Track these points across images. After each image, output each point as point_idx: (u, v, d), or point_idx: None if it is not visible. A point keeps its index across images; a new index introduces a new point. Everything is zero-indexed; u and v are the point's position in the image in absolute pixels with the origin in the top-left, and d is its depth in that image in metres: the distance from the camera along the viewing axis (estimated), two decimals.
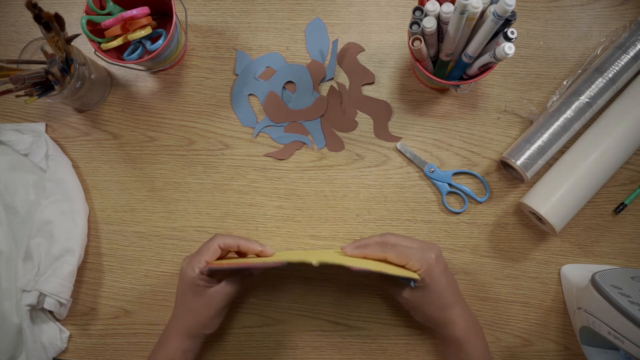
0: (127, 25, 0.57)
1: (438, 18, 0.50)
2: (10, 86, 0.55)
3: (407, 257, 0.51)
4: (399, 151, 0.62)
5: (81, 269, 0.63)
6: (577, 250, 0.61)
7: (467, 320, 0.52)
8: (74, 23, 0.61)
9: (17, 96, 0.55)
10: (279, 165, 0.64)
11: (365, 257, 0.53)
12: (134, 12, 0.56)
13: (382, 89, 0.65)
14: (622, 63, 0.58)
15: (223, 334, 0.62)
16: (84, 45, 0.62)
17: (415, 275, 0.51)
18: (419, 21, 0.51)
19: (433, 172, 0.61)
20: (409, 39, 0.52)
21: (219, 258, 0.53)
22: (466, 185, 0.62)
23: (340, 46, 0.65)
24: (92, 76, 0.61)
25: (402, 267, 0.51)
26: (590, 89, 0.58)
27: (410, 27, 0.51)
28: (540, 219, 0.58)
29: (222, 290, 0.53)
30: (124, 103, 0.66)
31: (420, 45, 0.52)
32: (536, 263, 0.62)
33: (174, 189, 0.65)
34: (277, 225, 0.64)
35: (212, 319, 0.53)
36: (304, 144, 0.64)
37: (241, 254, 0.55)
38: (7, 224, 0.64)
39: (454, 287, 0.53)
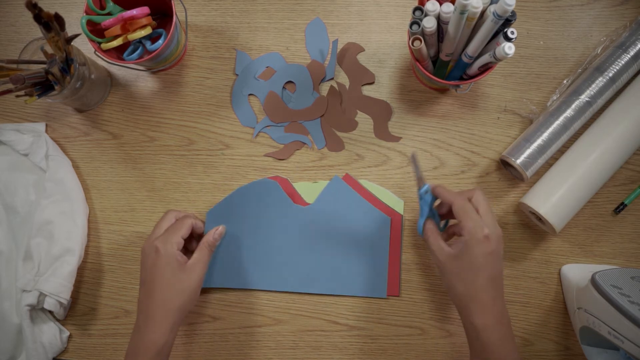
0: (127, 25, 0.57)
1: (438, 18, 0.50)
2: (10, 86, 0.55)
3: (464, 218, 0.49)
4: (409, 159, 0.59)
5: (81, 269, 0.63)
6: (577, 250, 0.61)
7: (492, 311, 0.49)
8: (74, 23, 0.61)
9: (17, 96, 0.55)
10: (279, 165, 0.64)
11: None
12: (134, 12, 0.56)
13: (382, 89, 0.65)
14: (622, 62, 0.58)
15: (223, 334, 0.62)
16: (84, 45, 0.62)
17: (400, 210, 0.61)
18: (419, 21, 0.51)
19: (427, 194, 0.55)
20: (409, 39, 0.52)
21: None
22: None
23: (340, 46, 0.65)
24: (92, 76, 0.61)
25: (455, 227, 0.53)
26: (590, 88, 0.58)
27: (410, 27, 0.51)
28: (540, 219, 0.58)
29: (198, 260, 0.55)
30: (124, 103, 0.66)
31: (420, 45, 0.52)
32: (536, 263, 0.62)
33: (174, 189, 0.65)
34: None
35: (195, 292, 0.55)
36: (304, 144, 0.64)
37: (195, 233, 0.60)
38: (7, 224, 0.64)
39: (490, 276, 0.49)
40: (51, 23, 0.52)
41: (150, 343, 0.51)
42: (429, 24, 0.50)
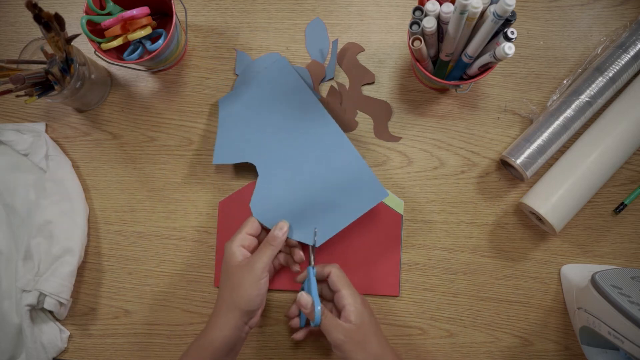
0: (127, 25, 0.57)
1: (438, 18, 0.50)
2: (10, 86, 0.55)
3: (342, 285, 0.54)
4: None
5: (81, 269, 0.64)
6: (577, 250, 0.61)
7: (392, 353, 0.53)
8: (74, 23, 0.61)
9: (17, 96, 0.55)
10: None
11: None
12: (134, 12, 0.56)
13: (382, 89, 0.65)
14: (623, 62, 0.58)
15: None
16: (84, 45, 0.62)
17: (400, 210, 0.61)
18: (419, 21, 0.51)
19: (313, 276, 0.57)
20: (409, 39, 0.52)
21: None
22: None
23: (340, 46, 0.65)
24: (92, 76, 0.61)
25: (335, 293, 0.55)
26: (590, 88, 0.58)
27: (410, 27, 0.51)
28: (540, 219, 0.58)
29: (253, 257, 0.54)
30: (124, 103, 0.66)
31: (420, 45, 0.52)
32: (536, 263, 0.62)
33: (174, 189, 0.65)
34: None
35: (250, 289, 0.53)
36: None
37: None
38: (7, 224, 0.64)
39: (380, 332, 0.54)
40: (51, 23, 0.52)
41: (209, 339, 0.52)
42: (429, 24, 0.50)
